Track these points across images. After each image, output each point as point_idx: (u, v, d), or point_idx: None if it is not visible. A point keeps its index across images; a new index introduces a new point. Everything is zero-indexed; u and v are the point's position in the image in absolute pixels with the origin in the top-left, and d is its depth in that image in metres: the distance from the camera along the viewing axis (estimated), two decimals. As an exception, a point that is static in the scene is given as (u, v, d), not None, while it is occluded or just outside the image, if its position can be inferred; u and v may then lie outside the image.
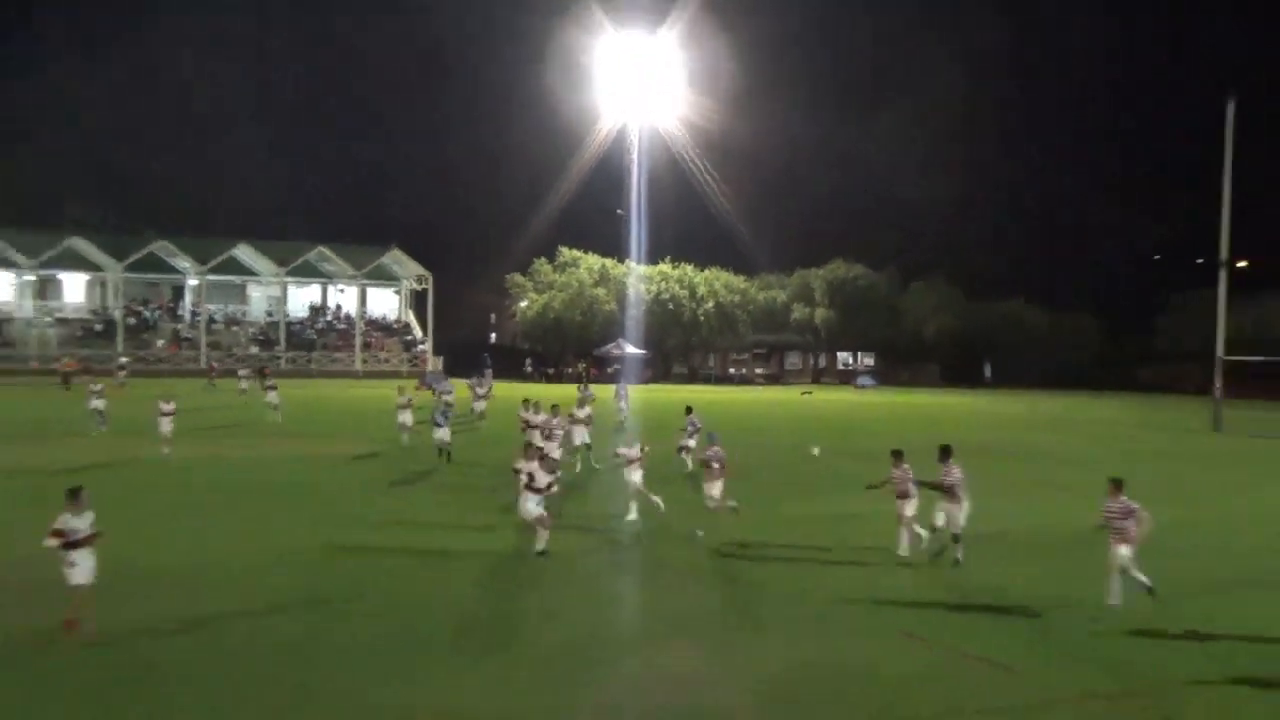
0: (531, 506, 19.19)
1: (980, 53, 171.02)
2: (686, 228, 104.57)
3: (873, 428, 50.11)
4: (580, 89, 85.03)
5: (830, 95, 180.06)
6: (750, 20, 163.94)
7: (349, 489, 27.18)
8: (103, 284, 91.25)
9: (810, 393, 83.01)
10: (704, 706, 11.97)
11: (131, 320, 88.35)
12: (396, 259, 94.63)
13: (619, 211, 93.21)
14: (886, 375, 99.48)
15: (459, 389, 52.34)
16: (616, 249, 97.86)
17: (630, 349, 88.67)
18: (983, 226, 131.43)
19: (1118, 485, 16.39)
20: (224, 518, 22.46)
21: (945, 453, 19.38)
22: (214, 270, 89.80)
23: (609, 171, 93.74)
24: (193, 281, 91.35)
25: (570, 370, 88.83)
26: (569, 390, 52.13)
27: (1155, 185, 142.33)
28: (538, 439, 27.79)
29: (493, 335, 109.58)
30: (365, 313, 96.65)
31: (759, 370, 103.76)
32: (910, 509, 19.36)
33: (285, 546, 19.47)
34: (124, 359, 72.88)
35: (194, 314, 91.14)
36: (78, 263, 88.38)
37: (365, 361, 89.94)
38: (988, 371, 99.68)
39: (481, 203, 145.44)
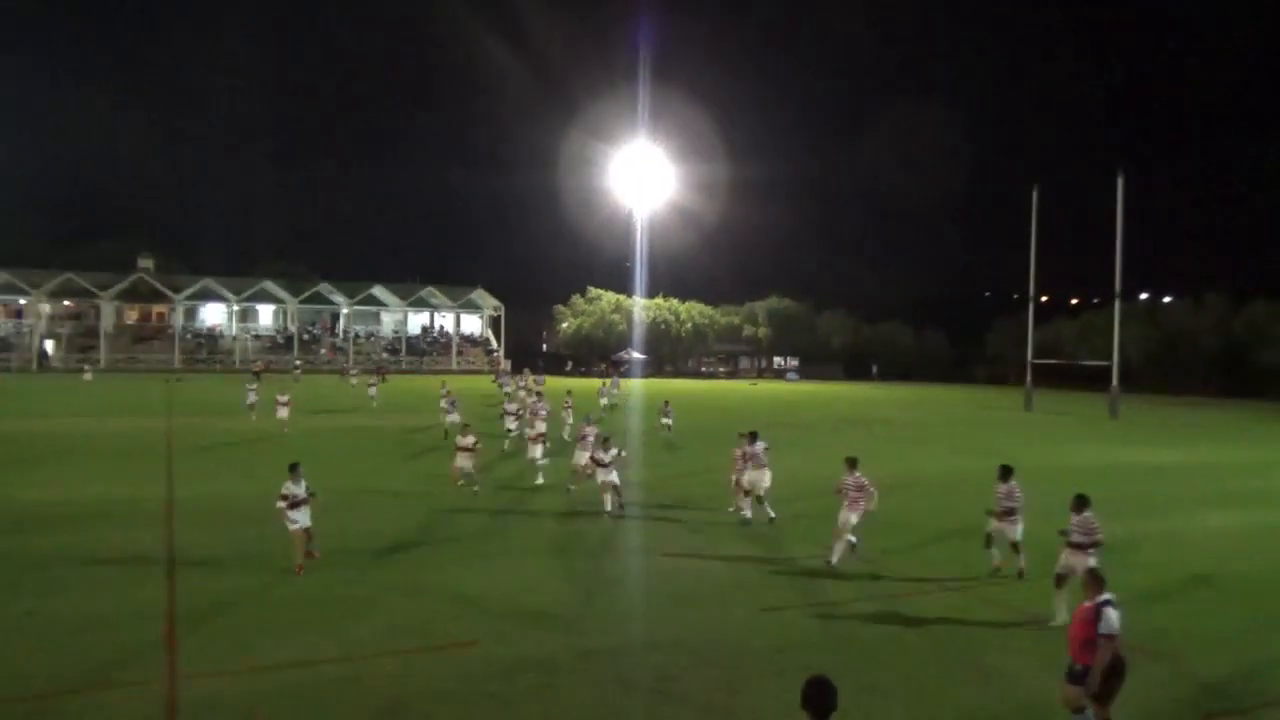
0: (604, 477, 17.59)
1: (873, 171, 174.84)
2: (673, 273, 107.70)
3: (797, 405, 52.32)
4: (602, 180, 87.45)
5: (772, 184, 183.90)
6: (720, 131, 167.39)
7: (409, 451, 26.71)
8: (285, 312, 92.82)
9: (756, 383, 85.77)
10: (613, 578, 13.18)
11: (305, 336, 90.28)
12: (480, 295, 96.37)
13: (627, 264, 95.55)
14: (805, 372, 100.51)
15: (512, 383, 54.61)
16: (626, 288, 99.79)
17: (636, 354, 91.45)
18: (871, 276, 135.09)
19: (852, 463, 13.97)
20: (342, 471, 21.68)
21: (753, 436, 17.49)
22: (358, 303, 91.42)
23: (621, 236, 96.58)
24: (344, 310, 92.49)
25: (596, 369, 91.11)
26: (592, 382, 51.97)
27: (986, 244, 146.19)
28: (510, 421, 27.95)
29: (544, 345, 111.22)
30: (459, 331, 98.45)
31: (721, 368, 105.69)
32: (746, 482, 17.01)
33: (389, 489, 19.52)
34: (298, 362, 75.58)
35: (345, 332, 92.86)
36: (268, 297, 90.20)
37: (459, 364, 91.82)
38: (874, 370, 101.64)
39: (537, 255, 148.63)
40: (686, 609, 11.75)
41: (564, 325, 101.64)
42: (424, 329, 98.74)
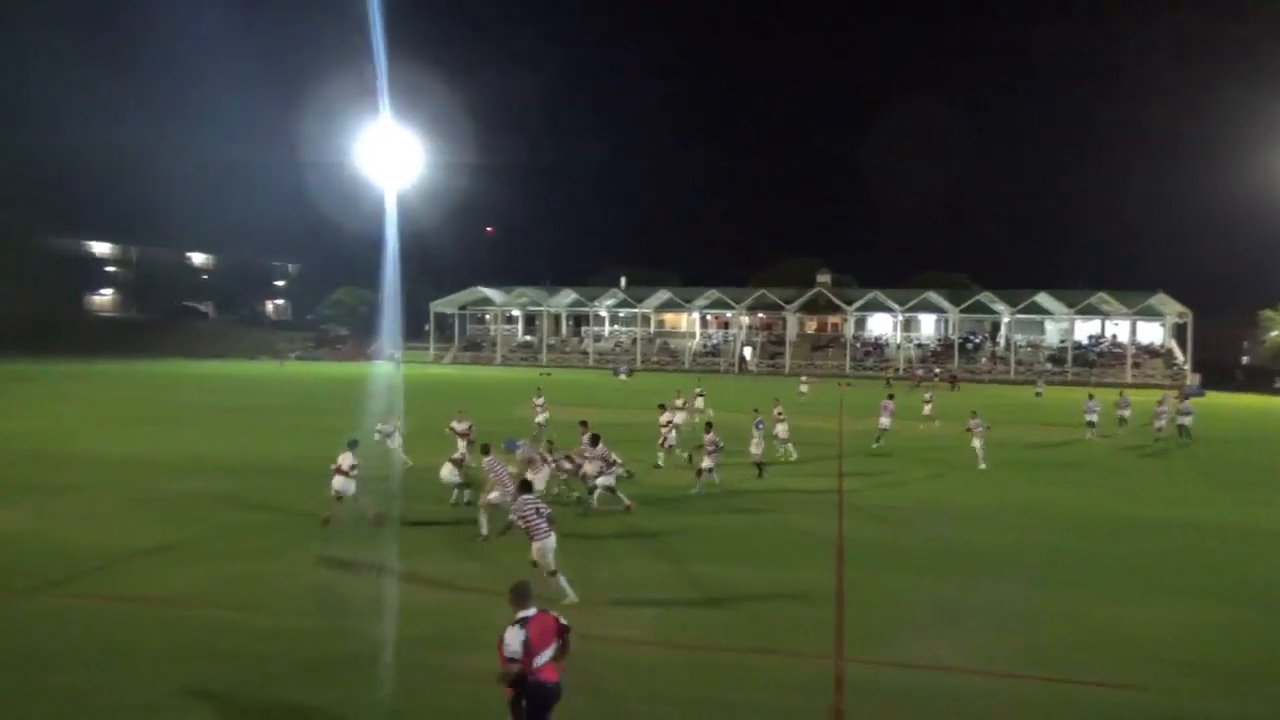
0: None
1: None
2: None
3: None
4: None
5: None
6: None
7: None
8: (945, 321, 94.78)
9: None
10: None
11: (968, 345, 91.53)
12: (1161, 301, 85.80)
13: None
14: None
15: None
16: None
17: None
18: None
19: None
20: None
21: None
22: (1020, 311, 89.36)
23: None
24: (1005, 319, 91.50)
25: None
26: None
27: None
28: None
29: (1244, 358, 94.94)
30: (1134, 340, 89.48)
31: None
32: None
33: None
34: (936, 370, 77.71)
35: (1006, 341, 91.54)
36: (930, 307, 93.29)
37: (1133, 376, 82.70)
38: None
39: (1233, 254, 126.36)
40: None
41: (1273, 334, 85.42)
42: (1092, 338, 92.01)
